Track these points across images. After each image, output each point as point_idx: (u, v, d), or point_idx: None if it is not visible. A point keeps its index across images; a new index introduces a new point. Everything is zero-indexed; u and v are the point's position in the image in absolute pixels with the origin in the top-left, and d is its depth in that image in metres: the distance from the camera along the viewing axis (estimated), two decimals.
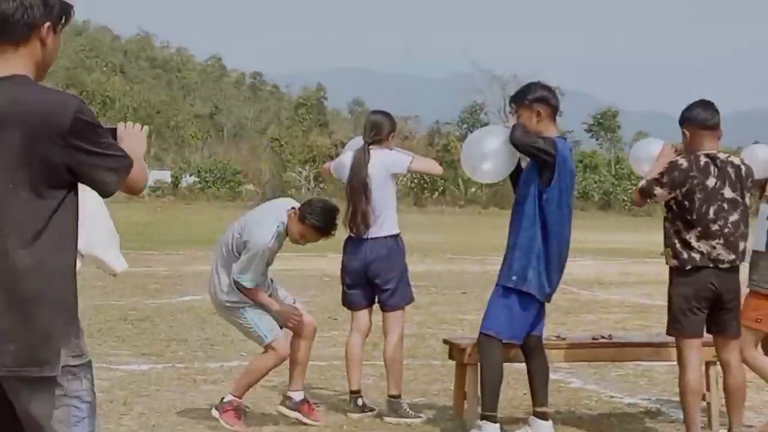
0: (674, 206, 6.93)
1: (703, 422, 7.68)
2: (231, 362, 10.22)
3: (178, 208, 64.39)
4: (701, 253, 6.82)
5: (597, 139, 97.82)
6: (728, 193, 6.87)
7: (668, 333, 7.11)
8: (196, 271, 20.93)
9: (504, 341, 7.03)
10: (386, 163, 7.87)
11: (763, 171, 7.35)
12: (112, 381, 9.17)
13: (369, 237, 7.88)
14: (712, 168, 6.88)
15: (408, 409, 7.89)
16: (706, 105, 7.11)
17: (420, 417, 7.90)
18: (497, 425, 7.03)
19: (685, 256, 6.86)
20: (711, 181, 6.85)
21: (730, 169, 6.92)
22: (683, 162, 6.90)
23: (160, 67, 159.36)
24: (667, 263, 7.03)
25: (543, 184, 6.91)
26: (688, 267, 6.86)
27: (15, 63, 3.54)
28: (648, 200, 7.07)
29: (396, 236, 7.98)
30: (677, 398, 8.13)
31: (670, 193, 6.89)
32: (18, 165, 3.45)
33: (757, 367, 7.44)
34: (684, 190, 6.84)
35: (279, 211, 7.63)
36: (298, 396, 7.79)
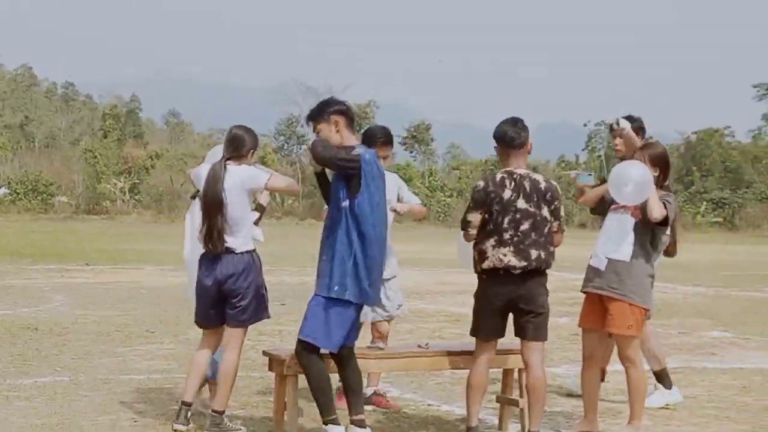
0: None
1: (517, 428, 7.95)
2: (44, 378, 9.99)
3: None
4: (493, 261, 7.29)
5: (411, 152, 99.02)
6: (521, 204, 7.31)
7: (470, 333, 7.61)
8: (6, 285, 20.36)
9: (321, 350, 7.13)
10: (243, 179, 7.74)
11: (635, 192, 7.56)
12: None
13: (224, 253, 7.69)
14: (508, 182, 7.35)
15: (228, 423, 7.86)
16: (515, 123, 7.54)
17: (240, 429, 7.87)
18: (342, 427, 7.17)
19: (481, 266, 7.38)
20: (507, 194, 7.32)
21: (527, 183, 7.35)
22: (480, 182, 7.46)
23: None
24: (474, 271, 7.52)
25: (351, 194, 7.05)
26: (484, 276, 7.41)
27: None
28: (469, 229, 7.43)
29: (251, 252, 7.81)
30: (492, 404, 8.36)
31: (481, 213, 7.36)
32: None
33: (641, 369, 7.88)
34: (485, 205, 7.34)
35: None
36: None
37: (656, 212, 7.49)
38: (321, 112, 7.28)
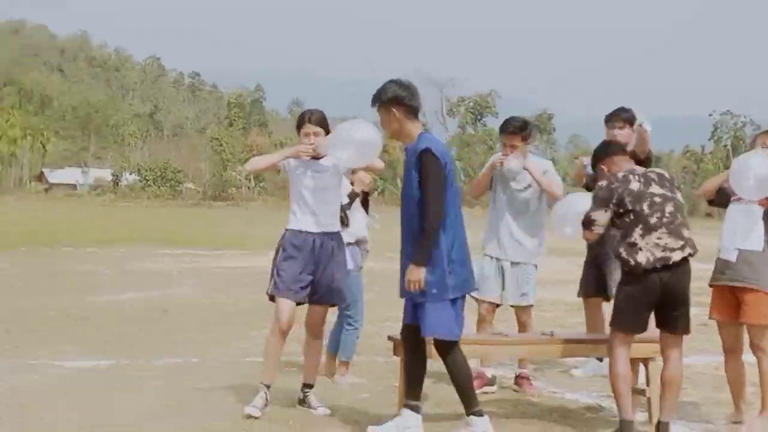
0: (614, 219, 7.22)
1: (645, 417, 7.88)
2: (175, 359, 10.24)
3: (119, 206, 63.88)
4: (648, 251, 7.04)
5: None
6: (657, 190, 7.19)
7: (610, 325, 7.35)
8: (137, 269, 20.85)
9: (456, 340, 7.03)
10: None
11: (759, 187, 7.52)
12: (62, 378, 9.11)
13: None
14: (631, 177, 7.23)
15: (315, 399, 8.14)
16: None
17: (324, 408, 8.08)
18: (486, 417, 7.07)
19: (632, 262, 7.08)
20: (634, 185, 7.18)
21: (652, 175, 7.29)
22: (603, 181, 7.31)
23: (98, 67, 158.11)
24: (626, 267, 7.23)
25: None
26: (639, 272, 7.09)
27: None
28: (593, 228, 7.30)
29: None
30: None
31: (606, 211, 7.18)
32: None
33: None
34: (614, 201, 7.15)
35: None
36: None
37: None
38: (377, 98, 7.13)
